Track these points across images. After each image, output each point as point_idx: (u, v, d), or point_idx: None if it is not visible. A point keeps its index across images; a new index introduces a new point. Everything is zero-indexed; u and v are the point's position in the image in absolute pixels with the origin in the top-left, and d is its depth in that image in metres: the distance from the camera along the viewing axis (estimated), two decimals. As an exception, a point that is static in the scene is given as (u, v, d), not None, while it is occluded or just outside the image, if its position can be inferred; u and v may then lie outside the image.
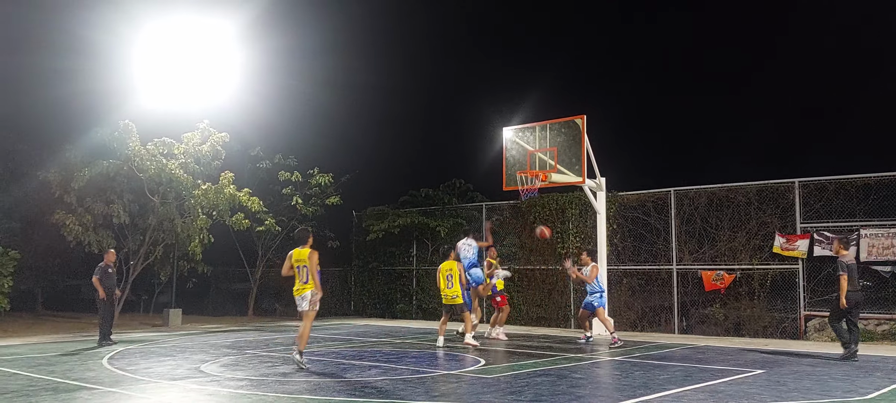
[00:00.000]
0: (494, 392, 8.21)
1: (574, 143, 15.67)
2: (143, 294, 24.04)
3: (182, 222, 19.01)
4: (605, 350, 12.65)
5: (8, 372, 9.91)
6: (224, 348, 13.00)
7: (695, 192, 16.60)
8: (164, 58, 20.10)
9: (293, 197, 21.91)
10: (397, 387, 8.54)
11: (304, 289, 10.52)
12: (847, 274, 11.02)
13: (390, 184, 26.15)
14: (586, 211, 17.68)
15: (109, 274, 14.29)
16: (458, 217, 20.58)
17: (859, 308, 11.52)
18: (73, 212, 17.81)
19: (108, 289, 14.12)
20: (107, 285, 14.12)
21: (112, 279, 14.36)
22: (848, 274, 11.02)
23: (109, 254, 14.62)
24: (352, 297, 23.32)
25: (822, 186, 15.07)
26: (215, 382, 8.98)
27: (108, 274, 14.25)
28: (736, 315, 15.72)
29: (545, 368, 10.34)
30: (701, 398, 7.77)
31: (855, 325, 11.36)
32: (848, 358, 11.01)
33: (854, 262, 11.48)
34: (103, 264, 14.32)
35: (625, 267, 17.21)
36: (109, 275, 14.28)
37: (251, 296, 23.29)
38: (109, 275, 14.28)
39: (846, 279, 10.98)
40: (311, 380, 9.08)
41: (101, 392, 8.30)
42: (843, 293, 11.01)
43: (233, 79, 21.47)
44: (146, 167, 18.36)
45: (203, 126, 19.72)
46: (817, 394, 8.07)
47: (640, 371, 9.97)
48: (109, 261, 14.43)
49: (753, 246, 15.67)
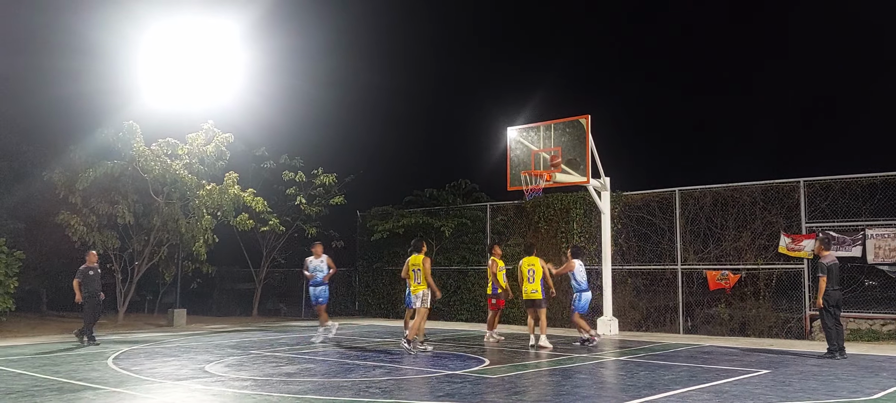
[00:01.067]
0: (498, 391, 8.20)
1: (578, 143, 15.64)
2: (147, 294, 24.06)
3: (186, 222, 19.02)
4: (610, 351, 12.62)
5: (13, 372, 9.93)
6: (228, 348, 13.01)
7: (699, 192, 16.56)
8: (169, 58, 20.11)
9: (297, 197, 21.92)
10: (401, 387, 8.54)
11: (418, 289, 12.56)
12: (826, 275, 11.38)
13: (394, 184, 26.17)
14: (591, 211, 17.66)
15: (91, 276, 14.10)
16: (462, 217, 20.56)
17: (840, 307, 11.72)
18: (77, 213, 17.85)
19: (93, 292, 14.02)
20: (90, 288, 14.00)
21: (94, 281, 14.16)
22: (827, 275, 11.38)
23: (91, 256, 14.40)
24: (356, 297, 23.32)
25: (828, 186, 15.02)
26: (220, 382, 8.98)
27: (89, 276, 14.07)
28: (741, 315, 15.68)
29: (549, 368, 10.32)
30: (706, 398, 7.74)
31: (837, 323, 11.58)
32: (831, 357, 11.23)
33: (836, 262, 11.67)
34: (84, 266, 14.14)
35: (629, 266, 17.18)
36: (91, 278, 14.10)
37: (256, 297, 23.31)
38: (91, 278, 14.10)
39: (825, 280, 11.36)
40: (316, 380, 9.08)
41: (105, 392, 8.31)
42: (821, 293, 11.40)
43: (237, 80, 21.48)
44: (151, 167, 18.38)
45: (207, 126, 19.74)
46: (823, 394, 8.03)
47: (644, 371, 9.95)
48: (91, 263, 14.24)
49: (758, 246, 15.62)
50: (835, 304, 11.45)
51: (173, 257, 20.24)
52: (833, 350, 11.33)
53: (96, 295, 14.14)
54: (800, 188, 15.33)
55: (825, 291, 11.33)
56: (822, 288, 11.35)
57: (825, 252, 11.69)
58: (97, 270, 14.40)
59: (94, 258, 14.45)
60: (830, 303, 11.38)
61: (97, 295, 14.16)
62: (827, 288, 11.34)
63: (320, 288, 14.46)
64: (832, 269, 11.43)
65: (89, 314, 14.02)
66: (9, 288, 16.78)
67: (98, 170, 17.72)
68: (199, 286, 23.72)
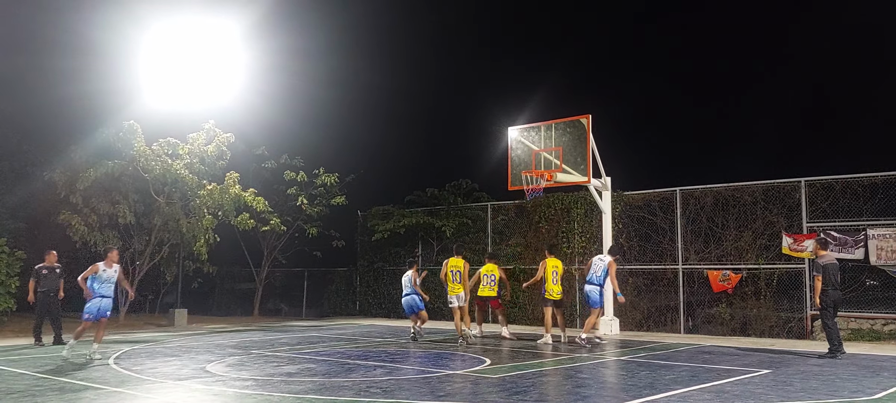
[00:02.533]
0: (499, 391, 8.19)
1: (579, 143, 15.64)
2: (148, 294, 24.09)
3: (187, 222, 19.03)
4: (611, 350, 12.62)
5: (14, 372, 9.93)
6: (229, 348, 13.01)
7: (701, 192, 16.56)
8: (170, 58, 20.13)
9: (298, 197, 21.93)
10: (402, 387, 8.53)
11: (458, 289, 13.65)
12: (822, 275, 11.50)
13: (395, 184, 26.16)
14: (592, 211, 17.65)
15: (46, 275, 13.99)
16: (463, 217, 20.56)
17: (837, 307, 11.79)
18: (78, 213, 17.86)
19: (49, 290, 13.92)
20: (45, 286, 13.91)
21: (50, 280, 14.03)
22: (823, 274, 11.49)
23: (50, 255, 14.26)
24: (357, 297, 23.32)
25: (829, 186, 15.01)
26: (221, 382, 8.98)
27: (43, 275, 13.98)
28: (742, 314, 15.67)
29: (550, 368, 10.32)
30: (707, 398, 7.73)
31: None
32: (832, 357, 11.27)
33: (834, 262, 11.74)
34: (39, 266, 14.10)
35: (631, 266, 17.17)
36: (46, 277, 13.99)
37: (256, 296, 23.32)
38: (46, 277, 13.99)
39: (821, 280, 11.49)
40: (317, 380, 9.08)
41: (106, 392, 8.31)
42: (817, 293, 11.54)
43: (238, 80, 21.50)
44: (151, 167, 18.39)
45: (208, 126, 19.75)
46: (824, 394, 8.03)
47: (645, 370, 9.94)
48: (49, 263, 14.13)
49: (759, 246, 15.62)
50: (833, 304, 11.51)
51: (174, 257, 20.25)
52: (834, 350, 11.35)
53: (49, 294, 13.99)
54: (801, 188, 15.32)
55: (823, 291, 11.40)
56: (818, 288, 11.49)
57: (823, 252, 11.78)
58: (54, 269, 14.18)
59: (53, 258, 14.26)
60: (828, 303, 11.44)
61: (50, 294, 14.00)
62: (825, 289, 11.41)
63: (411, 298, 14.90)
64: (828, 269, 11.51)
65: (40, 313, 13.96)
66: (10, 287, 16.80)
67: (99, 170, 17.74)
68: (199, 286, 23.74)
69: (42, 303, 13.97)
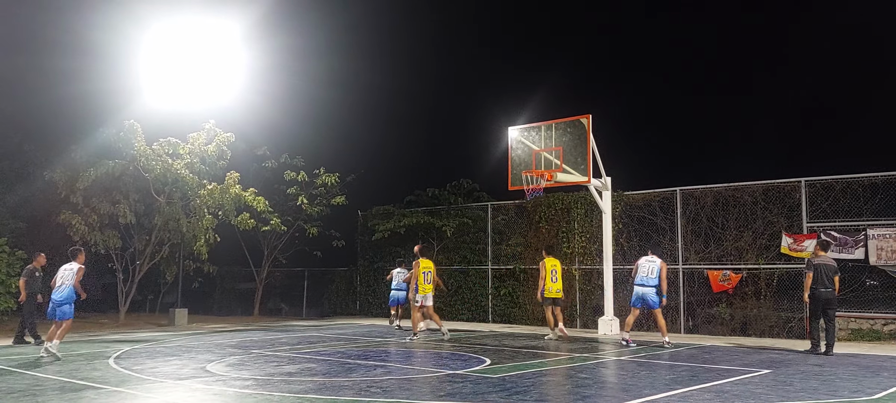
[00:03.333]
0: (499, 391, 8.19)
1: (579, 143, 15.65)
2: (148, 293, 24.10)
3: (188, 222, 19.04)
4: (611, 350, 12.62)
5: (14, 372, 9.94)
6: (230, 348, 13.02)
7: (701, 192, 16.56)
8: (170, 58, 20.14)
9: (299, 196, 21.94)
10: (402, 387, 8.54)
11: (429, 289, 14.49)
12: (812, 273, 11.75)
13: (396, 184, 26.13)
14: (592, 211, 17.66)
15: (36, 277, 14.13)
16: (463, 216, 20.57)
17: (832, 306, 11.92)
18: (79, 212, 17.87)
19: (32, 293, 14.02)
20: (32, 288, 14.01)
21: (37, 283, 14.17)
22: (813, 273, 11.73)
23: (39, 258, 14.40)
24: (357, 297, 23.32)
25: (829, 186, 15.02)
26: (221, 382, 8.98)
27: (34, 277, 14.11)
28: (742, 314, 15.68)
29: (550, 368, 10.32)
30: (707, 398, 7.74)
31: (830, 322, 11.89)
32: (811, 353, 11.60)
33: (828, 263, 11.88)
34: (31, 266, 14.22)
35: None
36: (35, 279, 14.12)
37: (257, 296, 23.32)
38: (35, 279, 14.12)
39: (810, 277, 11.73)
40: (317, 380, 9.08)
41: (107, 391, 8.31)
42: (806, 290, 11.81)
43: (238, 80, 21.52)
44: (152, 167, 18.40)
45: (209, 126, 19.76)
46: (824, 394, 8.03)
47: (645, 370, 9.94)
48: (38, 265, 14.26)
49: (759, 246, 15.62)
50: (822, 304, 11.73)
51: (174, 256, 20.26)
52: (813, 349, 11.73)
53: (34, 296, 14.09)
54: (801, 188, 15.32)
55: (812, 289, 11.67)
56: (807, 285, 11.76)
57: (821, 253, 12.03)
58: (41, 272, 14.33)
59: (42, 260, 14.42)
60: (819, 301, 11.69)
61: (35, 296, 14.12)
62: (815, 287, 11.67)
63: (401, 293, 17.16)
64: (820, 268, 11.71)
65: (29, 313, 14.05)
66: (10, 287, 16.81)
67: (99, 170, 17.75)
68: (200, 285, 23.75)
69: (30, 305, 14.10)
